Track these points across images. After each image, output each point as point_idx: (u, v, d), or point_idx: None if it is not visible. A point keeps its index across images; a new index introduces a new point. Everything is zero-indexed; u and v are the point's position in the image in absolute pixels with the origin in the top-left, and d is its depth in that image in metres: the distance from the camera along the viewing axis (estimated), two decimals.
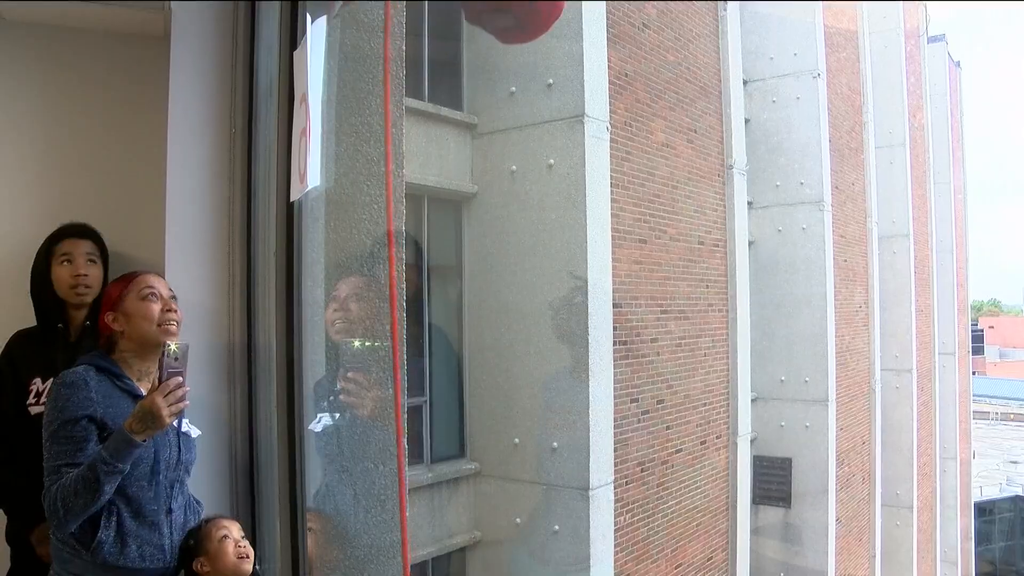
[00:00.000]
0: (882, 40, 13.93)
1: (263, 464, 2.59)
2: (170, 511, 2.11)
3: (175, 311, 2.16)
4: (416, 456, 6.13)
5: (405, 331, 3.13)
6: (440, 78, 6.65)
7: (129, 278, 2.18)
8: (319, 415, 2.53)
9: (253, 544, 2.25)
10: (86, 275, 2.56)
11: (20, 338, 2.57)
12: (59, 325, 2.55)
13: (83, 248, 2.60)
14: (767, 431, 10.35)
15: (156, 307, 2.12)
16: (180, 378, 1.97)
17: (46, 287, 2.56)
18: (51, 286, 2.56)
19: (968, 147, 21.31)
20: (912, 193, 14.34)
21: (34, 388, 2.48)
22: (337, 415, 2.64)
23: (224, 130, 2.84)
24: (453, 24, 6.82)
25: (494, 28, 2.25)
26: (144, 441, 1.96)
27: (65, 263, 2.55)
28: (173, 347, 1.97)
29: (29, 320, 2.60)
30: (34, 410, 2.43)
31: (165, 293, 2.16)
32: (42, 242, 2.61)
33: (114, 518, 1.99)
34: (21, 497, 2.35)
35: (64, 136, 2.96)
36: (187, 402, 2.00)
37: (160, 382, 1.95)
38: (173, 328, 2.14)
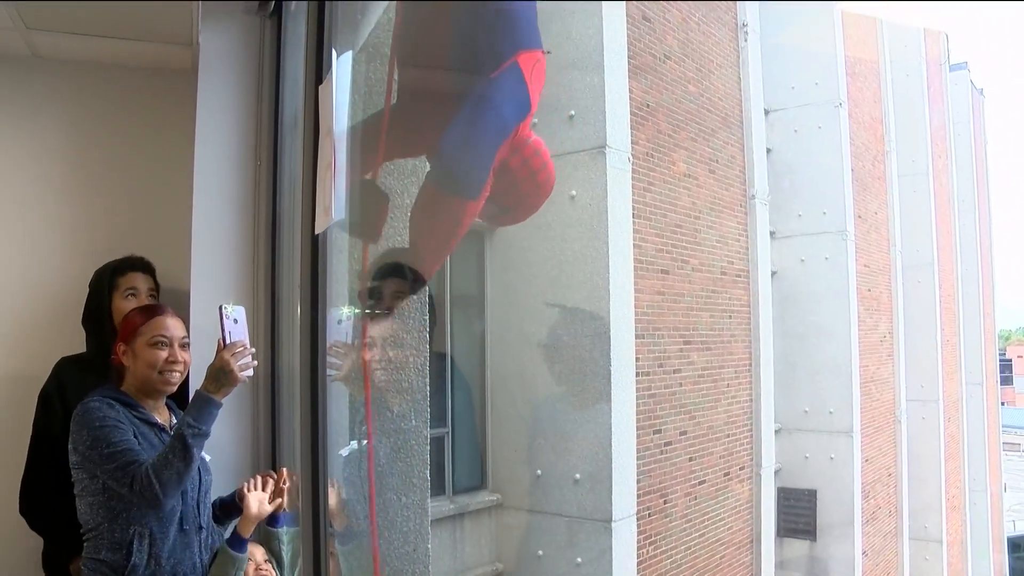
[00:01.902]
0: (904, 69, 13.89)
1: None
2: (200, 528, 2.17)
3: (179, 361, 2.19)
4: (438, 487, 6.10)
5: (428, 362, 3.15)
6: None
7: (148, 315, 2.21)
8: (342, 447, 2.54)
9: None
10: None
11: (68, 364, 2.59)
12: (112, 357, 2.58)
13: (147, 284, 2.67)
14: (791, 463, 10.22)
15: (163, 355, 2.15)
16: (244, 340, 2.09)
17: (105, 317, 2.60)
18: (110, 317, 2.59)
19: (993, 174, 21.12)
20: (936, 222, 14.22)
21: None
22: (359, 448, 2.65)
23: (250, 163, 2.88)
24: None
25: (482, 215, 2.29)
26: (222, 401, 2.05)
27: (130, 297, 2.59)
28: (229, 308, 2.04)
29: (61, 345, 2.63)
30: None
31: (177, 337, 2.19)
32: (101, 273, 2.65)
33: (146, 541, 2.02)
34: (64, 525, 2.35)
35: (95, 167, 3.03)
36: (255, 362, 2.12)
37: (224, 342, 2.06)
38: (174, 379, 2.19)
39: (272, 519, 2.40)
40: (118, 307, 2.60)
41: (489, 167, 1.86)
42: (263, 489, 2.33)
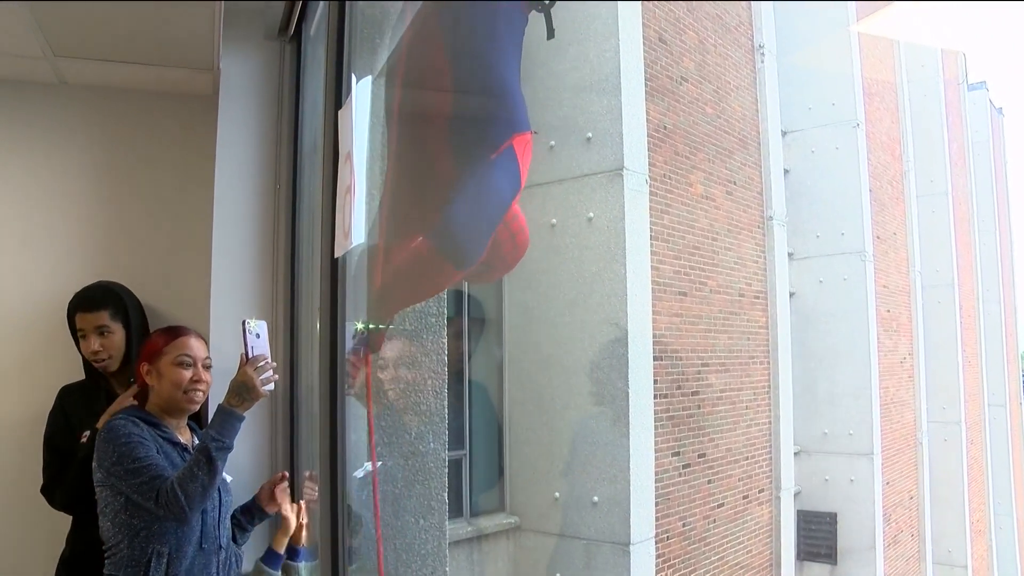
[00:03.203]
0: (921, 88, 13.87)
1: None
2: (220, 548, 2.18)
3: (203, 380, 2.22)
4: (456, 509, 6.09)
5: (447, 384, 3.15)
6: None
7: (171, 335, 2.24)
8: (359, 469, 2.55)
9: None
10: (99, 350, 2.55)
11: (68, 392, 2.60)
12: (102, 384, 2.60)
13: (95, 322, 2.57)
14: (811, 485, 10.14)
15: (187, 375, 2.18)
16: (266, 354, 2.12)
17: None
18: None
19: (1013, 193, 21.00)
20: (956, 242, 14.14)
21: (84, 439, 2.51)
22: (379, 470, 2.65)
23: (269, 186, 2.91)
24: None
25: (480, 276, 2.39)
26: (244, 415, 2.09)
27: (82, 338, 2.57)
28: (252, 323, 2.07)
29: (75, 372, 2.65)
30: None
31: (200, 357, 2.22)
32: (68, 310, 2.63)
33: (164, 560, 2.04)
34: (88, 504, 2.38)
35: (118, 190, 3.06)
36: (276, 376, 2.16)
37: (247, 357, 2.10)
38: (198, 397, 2.22)
39: (292, 553, 2.41)
40: (81, 347, 2.60)
41: (488, 242, 1.98)
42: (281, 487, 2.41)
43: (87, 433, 2.51)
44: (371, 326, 2.49)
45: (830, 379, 10.05)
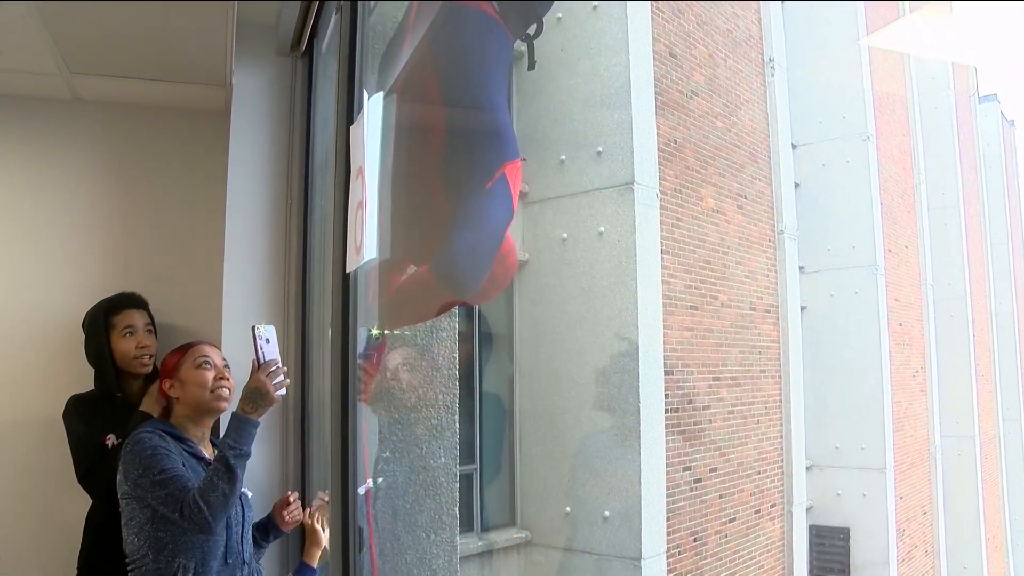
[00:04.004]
0: (932, 101, 13.85)
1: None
2: (244, 562, 2.19)
3: (227, 379, 2.25)
4: (467, 524, 6.07)
5: (458, 398, 3.15)
6: None
7: (185, 348, 2.26)
8: (369, 482, 2.54)
9: None
10: (149, 345, 2.63)
11: (80, 402, 2.60)
12: (118, 394, 2.60)
13: (143, 320, 2.67)
14: (823, 500, 10.08)
15: (210, 375, 2.20)
16: (277, 359, 2.12)
17: (107, 358, 2.61)
18: (110, 356, 2.61)
19: None
20: (968, 254, 14.07)
21: (109, 442, 2.51)
22: (389, 485, 2.65)
23: (281, 200, 2.92)
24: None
25: (472, 297, 2.44)
26: (260, 420, 2.09)
27: (128, 335, 2.61)
28: (262, 328, 2.07)
29: (74, 384, 2.66)
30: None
31: (219, 362, 2.25)
32: (94, 314, 2.66)
33: (189, 573, 2.03)
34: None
35: (131, 204, 3.09)
36: (288, 380, 2.16)
37: (259, 363, 2.10)
38: (225, 394, 2.24)
39: (307, 572, 2.41)
40: (118, 347, 2.61)
41: (487, 272, 2.02)
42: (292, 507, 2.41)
43: (111, 436, 2.52)
44: (385, 332, 2.51)
45: (842, 393, 10.00)
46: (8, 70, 2.77)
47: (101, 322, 2.63)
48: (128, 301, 2.68)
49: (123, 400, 2.60)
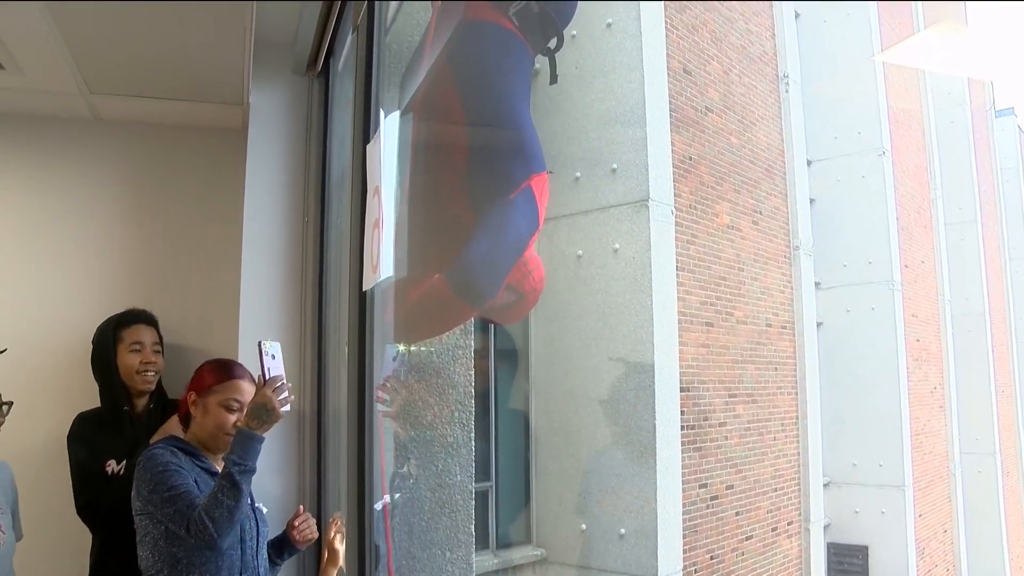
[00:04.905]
0: (948, 116, 13.80)
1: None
2: None
3: None
4: (482, 541, 6.05)
5: (474, 415, 3.15)
6: None
7: (225, 374, 2.24)
8: (386, 497, 2.54)
9: None
10: (154, 363, 2.63)
11: (85, 421, 2.61)
12: (125, 408, 2.61)
13: (151, 337, 2.68)
14: (841, 517, 9.98)
15: (232, 419, 2.18)
16: (282, 375, 2.10)
17: (112, 371, 2.62)
18: (117, 371, 2.62)
19: None
20: (986, 269, 13.97)
21: (109, 468, 2.52)
22: (405, 501, 2.65)
23: (297, 218, 2.95)
24: None
25: (500, 315, 2.44)
26: (264, 436, 2.07)
27: (135, 350, 2.62)
28: (267, 344, 2.08)
29: (89, 399, 2.67)
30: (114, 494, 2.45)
31: (247, 403, 2.22)
32: (103, 328, 2.68)
33: None
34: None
35: (148, 222, 3.12)
36: (292, 396, 2.13)
37: (264, 379, 2.08)
38: None
39: None
40: (123, 361, 2.61)
41: (503, 282, 2.01)
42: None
43: (112, 462, 2.53)
44: (412, 348, 2.52)
45: (859, 409, 9.92)
46: (30, 90, 2.81)
47: (110, 335, 2.65)
48: (138, 317, 2.70)
49: (129, 418, 2.61)
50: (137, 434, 2.55)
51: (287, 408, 2.11)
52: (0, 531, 2.25)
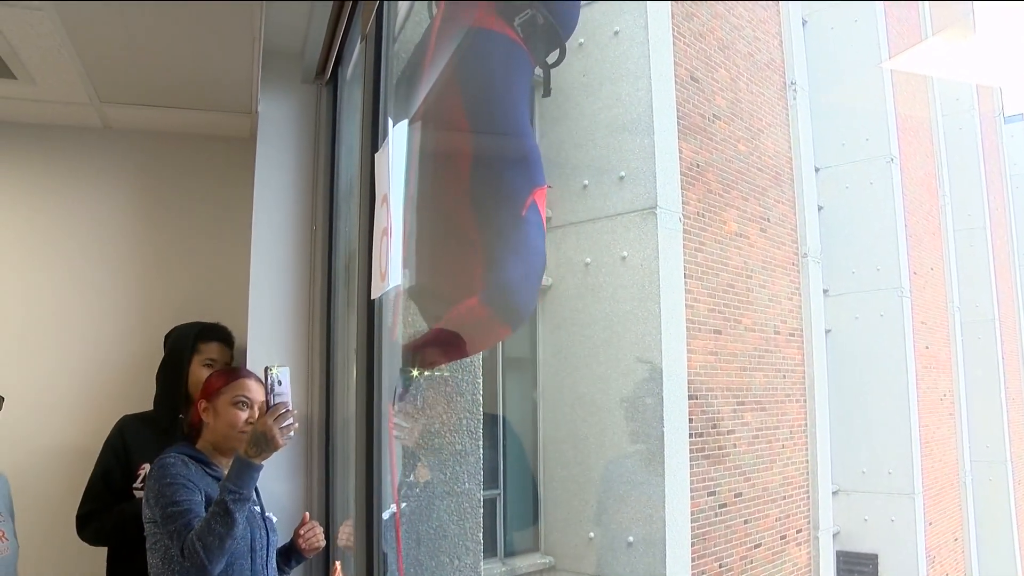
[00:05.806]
0: (956, 122, 13.76)
1: (340, 549, 2.59)
2: None
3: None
4: (490, 549, 6.04)
5: (482, 423, 3.15)
6: None
7: (230, 376, 2.25)
8: (394, 506, 2.54)
9: None
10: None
11: (132, 421, 2.61)
12: (181, 416, 2.61)
13: (224, 357, 2.68)
14: (850, 525, 9.93)
15: (243, 416, 2.18)
16: (287, 402, 2.07)
17: (181, 379, 2.62)
18: (186, 380, 2.62)
19: None
20: (995, 276, 13.91)
21: (142, 472, 2.52)
22: (413, 509, 2.64)
23: (305, 227, 2.95)
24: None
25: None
26: (262, 464, 2.04)
27: (207, 367, 2.61)
28: (275, 370, 2.05)
29: (129, 401, 2.68)
30: (139, 494, 2.46)
31: (256, 401, 2.22)
32: (183, 334, 2.67)
33: None
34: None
35: (160, 231, 3.13)
36: (296, 424, 2.10)
37: (268, 406, 2.05)
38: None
39: None
40: (194, 372, 2.61)
41: (536, 299, 2.04)
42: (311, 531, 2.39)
43: (146, 465, 2.52)
44: (425, 373, 2.51)
45: (868, 417, 9.87)
46: (41, 100, 2.83)
47: (189, 343, 2.65)
48: (220, 334, 2.71)
49: (181, 427, 2.61)
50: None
51: (291, 435, 2.09)
52: (3, 538, 2.26)
